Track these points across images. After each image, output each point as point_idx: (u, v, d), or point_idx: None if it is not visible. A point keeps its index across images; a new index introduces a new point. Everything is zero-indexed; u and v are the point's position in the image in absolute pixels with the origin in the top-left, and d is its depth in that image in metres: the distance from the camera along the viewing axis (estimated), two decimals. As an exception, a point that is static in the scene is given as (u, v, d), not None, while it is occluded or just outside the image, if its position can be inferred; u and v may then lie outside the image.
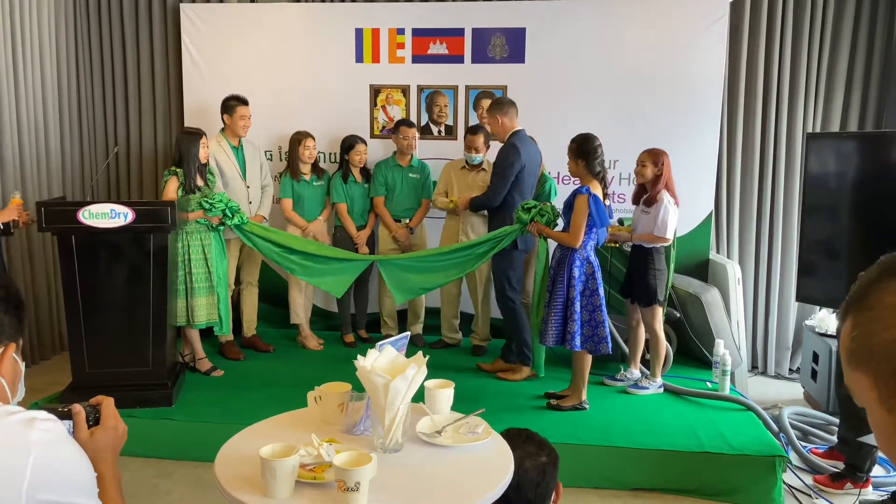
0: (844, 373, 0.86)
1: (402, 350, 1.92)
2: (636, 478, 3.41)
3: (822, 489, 3.41)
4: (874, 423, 0.85)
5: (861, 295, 0.84)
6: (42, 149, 5.04)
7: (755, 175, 5.06)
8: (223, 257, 4.31)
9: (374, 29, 5.11)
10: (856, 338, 0.83)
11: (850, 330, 0.84)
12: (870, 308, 0.82)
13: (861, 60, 4.88)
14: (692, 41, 4.84)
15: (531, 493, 1.73)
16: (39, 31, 4.98)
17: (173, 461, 3.60)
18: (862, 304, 0.83)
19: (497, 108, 4.21)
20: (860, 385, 0.84)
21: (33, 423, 1.11)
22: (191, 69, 5.28)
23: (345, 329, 5.07)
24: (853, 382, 0.85)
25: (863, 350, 0.82)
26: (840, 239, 3.66)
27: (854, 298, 0.85)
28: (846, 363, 0.85)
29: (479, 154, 4.56)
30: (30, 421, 1.11)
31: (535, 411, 3.83)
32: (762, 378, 5.13)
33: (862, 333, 0.82)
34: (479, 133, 4.53)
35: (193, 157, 4.15)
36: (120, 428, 1.32)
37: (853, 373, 0.84)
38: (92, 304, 3.73)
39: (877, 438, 0.86)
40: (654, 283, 3.93)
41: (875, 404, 0.82)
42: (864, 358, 0.82)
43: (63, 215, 3.67)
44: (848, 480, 3.37)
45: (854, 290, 0.85)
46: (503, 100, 4.32)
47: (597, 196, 3.66)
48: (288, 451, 1.59)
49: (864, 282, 0.84)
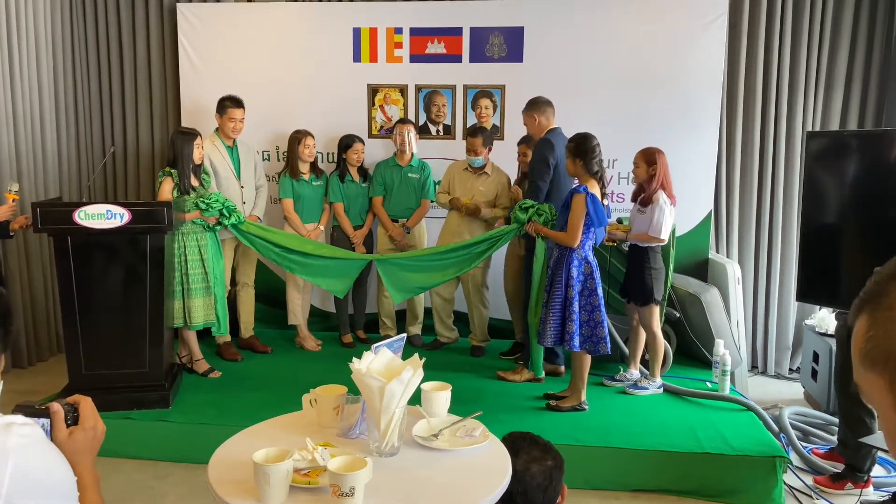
0: (855, 373, 0.81)
1: (399, 352, 1.90)
2: (636, 479, 3.40)
3: (823, 490, 3.39)
4: (887, 429, 0.80)
5: (878, 293, 0.78)
6: (38, 149, 5.01)
7: (755, 174, 5.04)
8: (219, 257, 4.29)
9: (371, 28, 5.09)
10: (871, 338, 0.78)
11: (865, 329, 0.79)
12: (889, 308, 0.76)
13: (861, 58, 4.86)
14: (691, 39, 4.82)
15: (539, 498, 1.71)
16: (35, 31, 4.96)
17: (170, 463, 3.58)
18: (879, 302, 0.77)
19: (533, 106, 4.20)
20: (874, 387, 0.79)
21: (10, 429, 1.09)
22: (187, 69, 5.26)
23: (343, 329, 5.06)
24: (866, 384, 0.80)
25: (879, 351, 0.77)
26: (840, 238, 3.64)
27: (870, 296, 0.79)
28: (858, 364, 0.80)
29: (478, 157, 4.51)
30: (7, 426, 1.09)
31: (534, 412, 3.81)
32: (762, 378, 5.11)
33: (878, 334, 0.77)
34: (479, 136, 4.48)
35: (188, 157, 4.13)
36: (99, 428, 1.29)
37: (866, 374, 0.79)
38: (88, 306, 3.71)
39: (888, 443, 0.82)
40: (650, 281, 3.92)
41: (889, 410, 0.78)
42: (881, 360, 0.76)
43: (59, 216, 3.65)
44: (848, 481, 3.36)
45: (869, 286, 0.80)
46: (539, 99, 4.24)
47: (594, 195, 3.64)
48: (282, 455, 1.57)
49: (881, 278, 0.79)
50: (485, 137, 4.48)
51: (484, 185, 4.57)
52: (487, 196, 4.56)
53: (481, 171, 4.59)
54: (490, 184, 4.58)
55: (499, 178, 4.62)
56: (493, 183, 4.59)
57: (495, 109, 5.08)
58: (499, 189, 4.59)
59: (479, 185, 4.57)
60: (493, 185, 4.58)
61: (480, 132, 4.50)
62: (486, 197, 4.55)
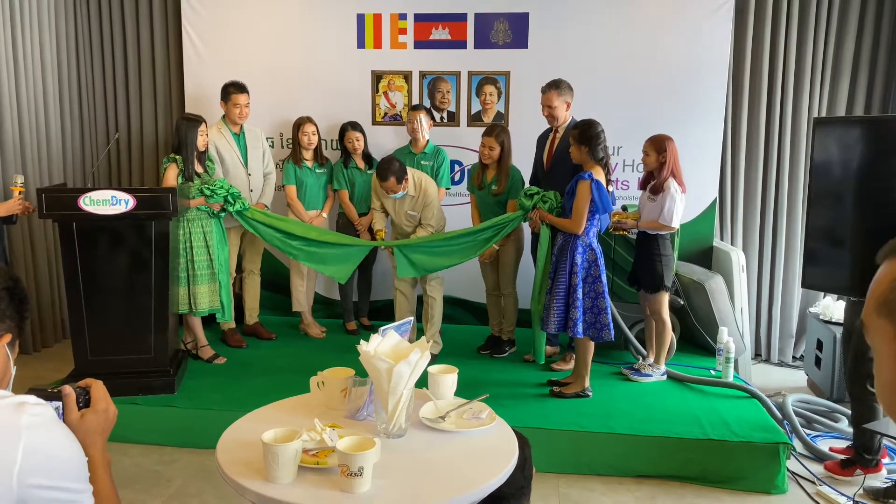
0: (865, 315, 0.84)
1: (406, 335, 1.91)
2: (639, 465, 3.41)
3: (832, 476, 3.39)
4: (884, 378, 0.83)
5: None
6: (43, 135, 5.01)
7: (760, 161, 5.02)
8: (224, 244, 4.29)
9: (375, 14, 5.07)
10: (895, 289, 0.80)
11: (891, 277, 0.81)
12: None
13: (868, 44, 4.83)
14: (697, 26, 4.79)
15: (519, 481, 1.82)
16: (39, 18, 4.95)
17: (175, 448, 3.60)
18: None
19: (567, 89, 4.11)
20: (882, 333, 0.81)
21: (23, 408, 1.10)
22: (191, 55, 5.25)
23: (347, 317, 5.07)
24: (875, 329, 0.83)
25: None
26: (845, 225, 3.62)
27: None
28: (873, 308, 0.83)
29: (397, 193, 4.25)
30: (20, 405, 1.10)
31: (538, 398, 3.82)
32: (766, 365, 5.11)
33: None
34: (390, 178, 4.14)
35: (192, 143, 4.13)
36: (110, 411, 1.30)
37: (879, 319, 0.82)
38: (93, 292, 3.72)
39: (880, 392, 0.85)
40: (660, 268, 3.91)
41: (890, 359, 0.80)
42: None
43: (64, 202, 3.65)
44: (858, 467, 3.36)
45: None
46: (564, 81, 4.13)
47: (600, 182, 3.63)
48: (290, 436, 1.58)
49: None
50: (396, 176, 4.16)
51: (410, 206, 4.37)
52: (416, 210, 4.37)
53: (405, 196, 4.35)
54: (417, 201, 4.35)
55: (424, 192, 4.35)
56: (420, 200, 4.35)
57: (500, 96, 5.06)
58: (425, 201, 4.35)
59: (407, 207, 4.38)
60: (420, 201, 4.35)
61: (391, 174, 4.15)
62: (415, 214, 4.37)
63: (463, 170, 5.14)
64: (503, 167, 4.29)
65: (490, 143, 4.26)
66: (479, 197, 4.44)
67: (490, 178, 4.35)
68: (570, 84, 4.16)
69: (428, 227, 4.36)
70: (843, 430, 3.86)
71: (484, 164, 4.37)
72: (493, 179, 4.33)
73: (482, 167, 4.40)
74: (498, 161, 4.28)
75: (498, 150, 4.25)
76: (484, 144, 4.29)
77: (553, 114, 4.16)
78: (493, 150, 4.26)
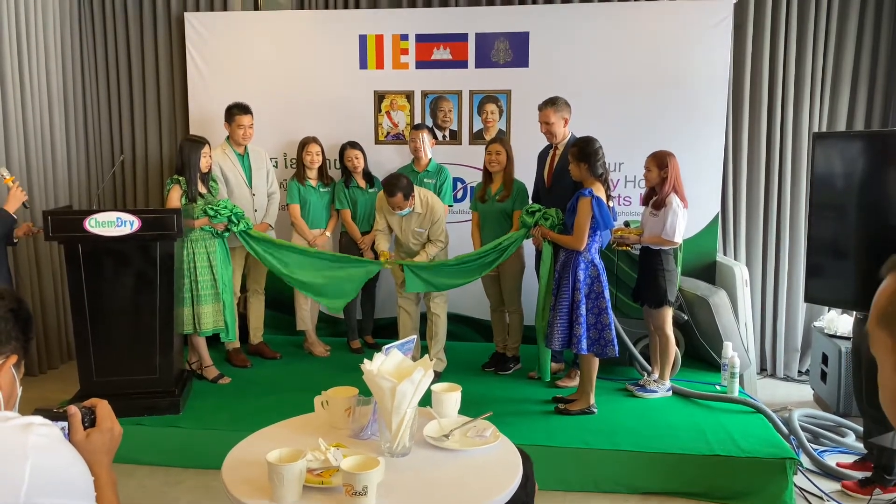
0: (868, 327, 0.87)
1: (409, 354, 1.92)
2: (645, 482, 3.39)
3: (844, 492, 3.37)
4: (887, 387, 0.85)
5: None
6: (48, 158, 5.06)
7: (761, 176, 5.04)
8: (228, 264, 4.31)
9: (377, 35, 5.12)
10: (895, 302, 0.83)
11: (891, 290, 0.84)
12: None
13: (867, 58, 4.85)
14: (696, 42, 4.83)
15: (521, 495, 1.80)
16: (45, 41, 5.01)
17: (181, 469, 3.60)
18: None
19: (564, 106, 4.16)
20: (882, 345, 0.84)
21: (30, 429, 1.11)
22: (195, 77, 5.31)
23: (351, 335, 5.07)
24: (876, 340, 0.86)
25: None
26: (848, 239, 3.63)
27: None
28: (875, 319, 0.86)
29: (403, 209, 4.22)
30: (26, 426, 1.12)
31: (543, 416, 3.81)
32: (771, 380, 5.09)
33: None
34: (396, 194, 4.12)
35: (195, 165, 4.16)
36: (116, 430, 1.32)
37: (880, 331, 0.85)
38: (99, 313, 3.74)
39: (884, 401, 0.87)
40: (663, 283, 3.92)
41: (892, 369, 0.83)
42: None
43: (69, 224, 3.68)
44: (877, 486, 3.32)
45: None
46: (561, 98, 4.18)
47: (600, 198, 3.65)
48: (295, 455, 1.58)
49: None
50: (404, 192, 4.14)
51: (417, 223, 4.35)
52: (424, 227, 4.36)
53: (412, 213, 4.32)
54: (424, 218, 4.33)
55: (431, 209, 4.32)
56: (427, 217, 4.33)
57: (501, 114, 5.10)
58: (432, 218, 4.33)
59: (414, 224, 4.36)
60: (427, 219, 4.34)
61: (398, 189, 4.11)
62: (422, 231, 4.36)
63: (465, 187, 5.17)
64: (508, 175, 4.34)
65: (496, 148, 4.33)
66: (483, 210, 4.45)
67: (495, 190, 4.38)
68: (567, 101, 4.20)
69: (438, 242, 4.37)
70: (850, 445, 3.84)
71: (488, 176, 4.41)
72: (498, 190, 4.37)
73: (486, 180, 4.44)
74: (504, 168, 4.33)
75: (505, 155, 4.31)
76: (490, 152, 4.35)
77: (551, 130, 4.19)
78: (500, 154, 4.31)
